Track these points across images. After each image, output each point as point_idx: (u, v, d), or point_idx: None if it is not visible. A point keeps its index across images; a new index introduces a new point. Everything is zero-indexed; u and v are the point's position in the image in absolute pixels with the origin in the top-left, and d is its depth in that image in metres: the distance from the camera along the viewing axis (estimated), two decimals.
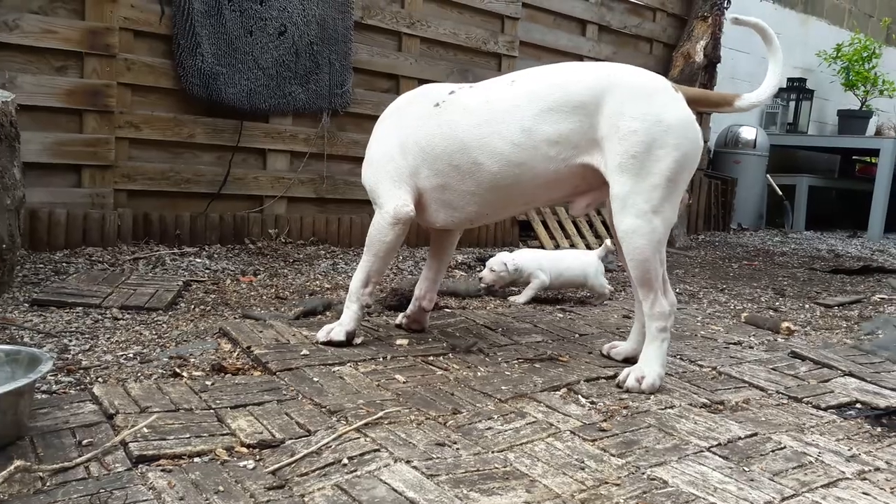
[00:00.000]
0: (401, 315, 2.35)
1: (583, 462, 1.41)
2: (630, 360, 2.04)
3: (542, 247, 4.55)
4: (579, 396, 1.79)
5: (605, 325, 2.57)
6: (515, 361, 2.04)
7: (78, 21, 3.23)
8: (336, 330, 2.08)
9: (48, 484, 1.20)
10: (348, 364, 1.92)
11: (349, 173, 4.05)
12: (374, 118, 3.99)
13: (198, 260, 3.17)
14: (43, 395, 1.57)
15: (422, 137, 2.03)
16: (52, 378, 1.68)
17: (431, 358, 2.02)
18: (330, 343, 2.06)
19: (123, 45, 3.34)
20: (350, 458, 1.36)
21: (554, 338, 2.34)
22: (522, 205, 2.09)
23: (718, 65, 5.82)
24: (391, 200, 2.05)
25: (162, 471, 1.27)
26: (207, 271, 3.00)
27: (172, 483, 1.23)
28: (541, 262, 2.85)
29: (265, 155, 3.77)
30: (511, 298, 2.87)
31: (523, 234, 4.72)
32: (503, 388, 1.80)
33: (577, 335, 2.40)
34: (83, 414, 1.48)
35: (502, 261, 2.82)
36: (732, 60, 6.79)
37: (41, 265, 2.77)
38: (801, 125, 7.81)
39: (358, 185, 4.08)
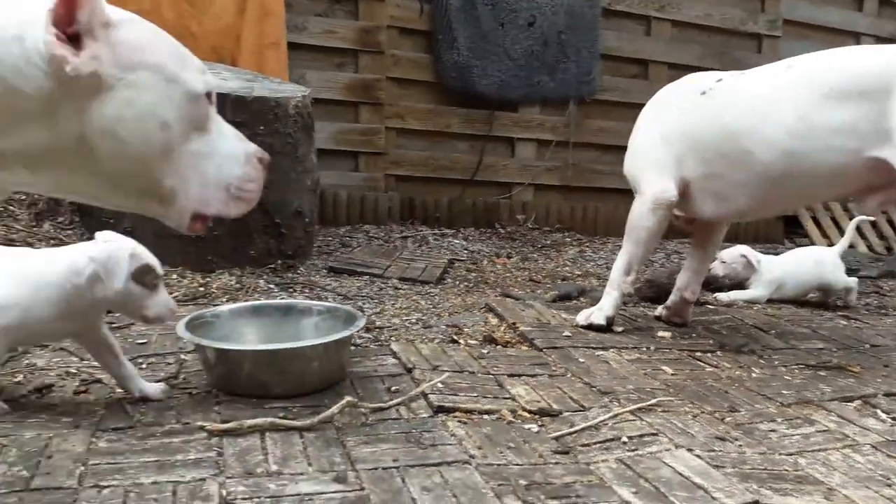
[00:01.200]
0: (660, 307, 2.32)
1: (889, 479, 1.30)
2: None
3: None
4: (878, 411, 1.63)
5: None
6: (795, 367, 1.91)
7: (353, 21, 3.60)
8: (596, 314, 2.11)
9: (370, 420, 1.40)
10: (611, 350, 1.95)
11: (595, 161, 4.05)
12: (622, 105, 3.99)
13: (455, 241, 3.42)
14: (353, 347, 1.81)
15: (687, 126, 1.99)
16: (355, 333, 1.93)
17: (699, 353, 1.98)
18: (590, 327, 2.10)
19: (390, 42, 3.66)
20: (629, 438, 1.39)
21: (838, 346, 2.15)
22: (801, 198, 1.97)
23: None
24: (651, 187, 2.04)
25: (459, 422, 1.41)
26: (466, 252, 3.22)
27: (469, 433, 1.36)
28: (785, 270, 2.60)
29: (513, 143, 3.91)
30: (719, 295, 2.65)
31: (790, 230, 4.35)
32: (784, 392, 1.71)
33: (867, 346, 2.18)
34: (387, 366, 1.69)
35: (740, 253, 2.64)
36: None
37: (330, 238, 3.18)
38: None
39: (604, 173, 4.07)
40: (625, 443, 1.37)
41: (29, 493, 1.07)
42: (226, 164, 1.07)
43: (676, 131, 2.02)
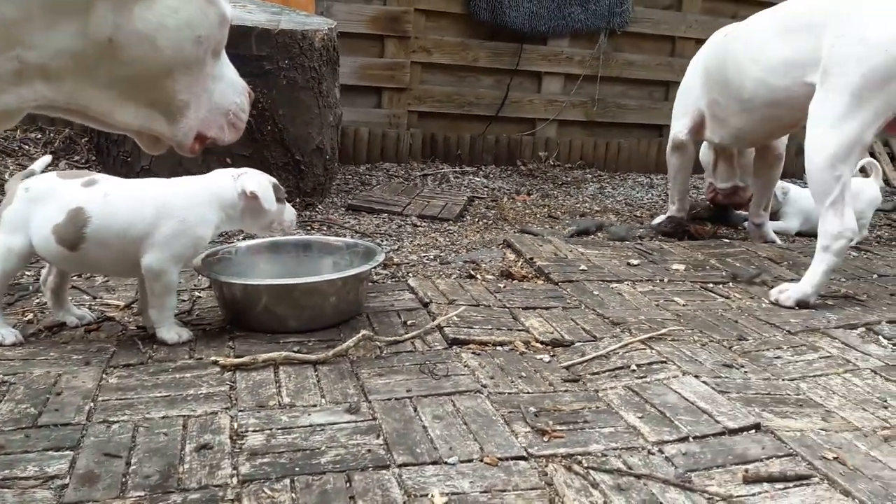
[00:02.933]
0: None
1: (885, 401, 1.33)
2: None
3: None
4: (880, 337, 1.65)
5: None
6: None
7: None
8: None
9: (385, 352, 1.45)
10: (625, 283, 1.98)
11: (621, 95, 3.97)
12: (653, 38, 3.88)
13: (476, 179, 3.42)
14: (370, 284, 1.87)
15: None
16: (373, 269, 1.98)
17: (711, 285, 2.00)
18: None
19: None
20: (638, 366, 1.44)
21: (848, 276, 2.15)
22: (770, 122, 2.12)
23: None
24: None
25: (472, 353, 1.46)
26: (486, 189, 3.23)
27: (482, 364, 1.41)
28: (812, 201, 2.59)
29: (540, 78, 3.84)
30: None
31: None
32: (792, 320, 1.73)
33: (875, 276, 2.18)
34: (404, 300, 1.74)
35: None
36: None
37: (349, 176, 3.21)
38: None
39: (628, 108, 4.00)
40: (633, 371, 1.42)
41: (36, 429, 1.10)
42: (229, 90, 1.11)
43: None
